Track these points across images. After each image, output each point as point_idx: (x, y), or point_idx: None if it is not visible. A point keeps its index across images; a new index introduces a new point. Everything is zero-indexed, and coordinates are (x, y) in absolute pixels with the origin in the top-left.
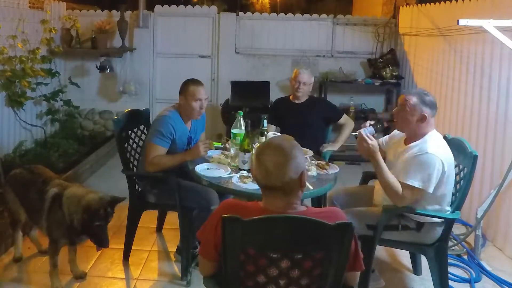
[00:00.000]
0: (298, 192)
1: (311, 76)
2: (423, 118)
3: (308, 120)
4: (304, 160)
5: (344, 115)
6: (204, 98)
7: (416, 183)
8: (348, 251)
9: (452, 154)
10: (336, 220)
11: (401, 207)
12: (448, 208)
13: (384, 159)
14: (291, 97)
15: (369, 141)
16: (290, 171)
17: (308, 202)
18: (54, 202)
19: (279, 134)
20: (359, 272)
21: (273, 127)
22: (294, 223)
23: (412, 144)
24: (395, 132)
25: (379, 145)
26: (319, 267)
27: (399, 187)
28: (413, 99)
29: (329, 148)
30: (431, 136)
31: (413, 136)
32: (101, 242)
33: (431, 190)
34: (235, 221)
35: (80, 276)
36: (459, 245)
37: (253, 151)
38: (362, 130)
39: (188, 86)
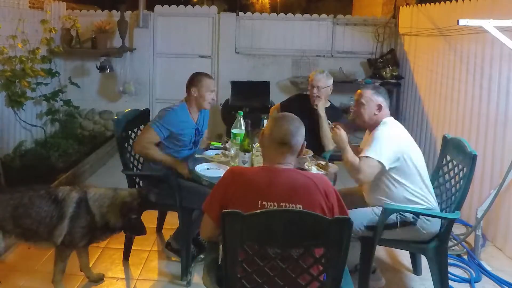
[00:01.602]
0: (295, 156)
1: (328, 78)
2: (379, 107)
3: (318, 127)
4: (304, 132)
5: None
6: (215, 89)
7: (369, 153)
8: (347, 247)
9: (409, 136)
10: (320, 183)
11: (400, 206)
12: (429, 193)
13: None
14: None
15: (334, 131)
16: (301, 136)
17: None
18: (79, 207)
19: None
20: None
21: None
22: (293, 216)
23: (373, 130)
24: (366, 132)
25: (360, 148)
26: (319, 264)
27: (354, 161)
28: (368, 92)
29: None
30: (385, 121)
31: (372, 126)
32: (140, 231)
33: (384, 160)
34: (235, 216)
35: (100, 278)
36: (459, 245)
37: (253, 151)
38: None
39: (202, 78)
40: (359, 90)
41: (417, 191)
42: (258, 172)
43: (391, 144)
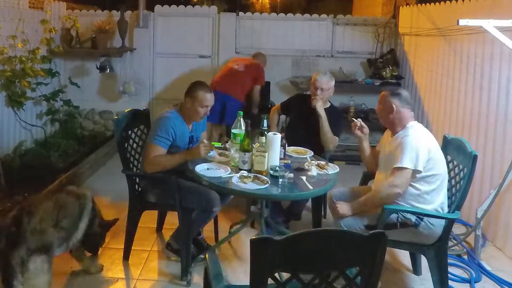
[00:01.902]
0: None
1: (330, 80)
2: (392, 109)
3: (318, 130)
4: None
5: (336, 138)
6: (211, 105)
7: (406, 164)
8: (381, 265)
9: (436, 141)
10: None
11: (401, 206)
12: (441, 202)
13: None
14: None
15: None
16: None
17: (308, 202)
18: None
19: (279, 134)
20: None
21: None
22: (328, 235)
23: (396, 135)
24: (386, 132)
25: (377, 150)
26: (353, 284)
27: (382, 187)
28: (385, 92)
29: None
30: (412, 125)
31: (393, 128)
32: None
33: (421, 167)
34: (264, 242)
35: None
36: (459, 245)
37: (253, 151)
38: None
39: (197, 90)
40: (381, 91)
41: (435, 197)
42: None
43: (424, 150)
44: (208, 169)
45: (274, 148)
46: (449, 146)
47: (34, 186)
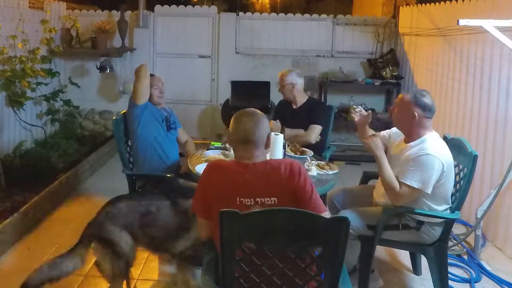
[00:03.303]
0: (263, 148)
1: (292, 75)
2: (413, 117)
3: (302, 124)
4: (267, 124)
5: (316, 127)
6: (160, 84)
7: (415, 184)
8: (344, 247)
9: (451, 155)
10: (291, 167)
11: (401, 207)
12: (447, 207)
13: (386, 152)
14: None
15: (370, 139)
16: (262, 130)
17: None
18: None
19: (280, 134)
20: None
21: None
22: (291, 216)
23: (411, 143)
24: (394, 128)
25: (380, 136)
26: (316, 263)
27: (396, 185)
28: (407, 97)
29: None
30: (430, 136)
31: (409, 135)
32: None
33: (429, 191)
34: (232, 215)
35: None
36: (459, 245)
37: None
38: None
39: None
40: (401, 95)
41: (436, 204)
42: (233, 167)
43: (438, 172)
44: None
45: (275, 149)
46: (449, 146)
47: (34, 186)
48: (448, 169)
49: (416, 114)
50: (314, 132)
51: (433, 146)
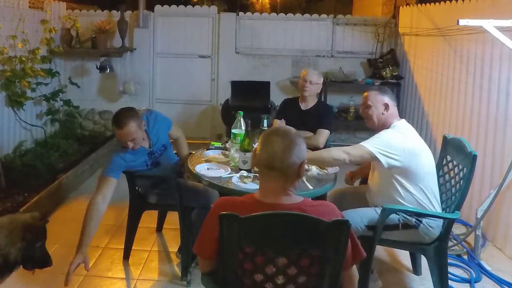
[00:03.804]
0: (295, 180)
1: (320, 77)
2: (386, 107)
3: (312, 127)
4: (306, 151)
5: (326, 132)
6: (130, 139)
7: (368, 145)
8: (345, 249)
9: (419, 140)
10: (332, 215)
11: (400, 207)
12: (436, 201)
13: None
14: (299, 99)
15: None
16: (294, 156)
17: None
18: None
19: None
20: (357, 276)
21: (278, 121)
22: (291, 219)
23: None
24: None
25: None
26: (317, 265)
27: (327, 152)
28: (373, 92)
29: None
30: (399, 123)
31: (381, 127)
32: (45, 261)
33: (375, 152)
34: (232, 219)
35: None
36: (459, 245)
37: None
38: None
39: (113, 129)
40: (365, 93)
41: (421, 197)
42: (250, 206)
43: (391, 142)
44: (208, 169)
45: None
46: (449, 146)
47: (34, 186)
48: (410, 152)
49: (387, 103)
50: (323, 137)
51: (396, 128)
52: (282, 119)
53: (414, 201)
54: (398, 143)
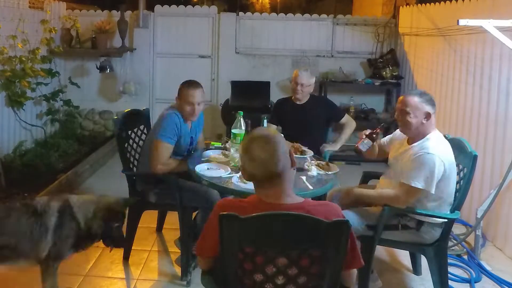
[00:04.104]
0: (291, 173)
1: (311, 76)
2: (427, 116)
3: (309, 120)
4: (284, 141)
5: (346, 115)
6: (197, 102)
7: (419, 185)
8: (345, 249)
9: (452, 154)
10: (334, 215)
11: (401, 207)
12: (448, 208)
13: (387, 159)
14: (292, 98)
15: (345, 198)
16: (281, 155)
17: None
18: (63, 216)
19: (280, 134)
20: (356, 272)
21: (274, 126)
22: (292, 219)
23: (414, 144)
24: (397, 132)
25: (380, 144)
26: (316, 265)
27: (390, 193)
28: (415, 99)
29: (329, 148)
30: (433, 135)
31: (416, 136)
32: (120, 242)
33: (433, 190)
34: (232, 219)
35: None
36: (459, 245)
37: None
38: (359, 145)
39: (182, 88)
40: (401, 97)
41: (436, 204)
42: (250, 207)
43: (439, 170)
44: (208, 169)
45: None
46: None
47: (34, 186)
48: (449, 168)
49: (429, 111)
50: (349, 118)
51: (435, 145)
52: (277, 126)
53: (428, 207)
54: (441, 171)
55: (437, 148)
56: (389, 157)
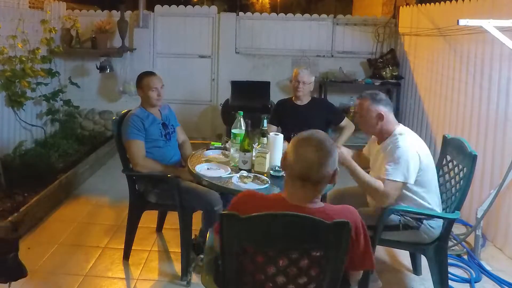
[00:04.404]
0: (325, 187)
1: (311, 75)
2: (380, 117)
3: (309, 122)
4: (337, 159)
5: (345, 118)
6: (160, 86)
7: (398, 177)
8: (346, 250)
9: (423, 144)
10: (350, 220)
11: (401, 207)
12: (438, 201)
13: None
14: (293, 98)
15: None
16: (328, 167)
17: None
18: None
19: (280, 134)
20: (362, 272)
21: (274, 127)
22: (292, 220)
23: (383, 142)
24: (372, 136)
25: (363, 154)
26: (317, 266)
27: (379, 184)
28: (366, 102)
29: None
30: (398, 130)
31: (380, 135)
32: (20, 273)
33: (412, 181)
34: (233, 218)
35: None
36: (459, 245)
37: (254, 152)
38: None
39: (142, 78)
40: (358, 101)
41: (427, 203)
42: (272, 204)
43: (415, 160)
44: (208, 169)
45: (276, 149)
46: (449, 146)
47: (34, 186)
48: (424, 158)
49: (381, 112)
50: (348, 121)
51: (403, 139)
52: (277, 127)
53: (418, 203)
54: (416, 162)
55: (406, 140)
56: (370, 161)
